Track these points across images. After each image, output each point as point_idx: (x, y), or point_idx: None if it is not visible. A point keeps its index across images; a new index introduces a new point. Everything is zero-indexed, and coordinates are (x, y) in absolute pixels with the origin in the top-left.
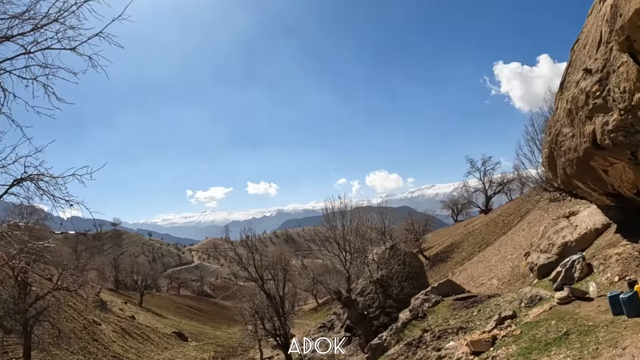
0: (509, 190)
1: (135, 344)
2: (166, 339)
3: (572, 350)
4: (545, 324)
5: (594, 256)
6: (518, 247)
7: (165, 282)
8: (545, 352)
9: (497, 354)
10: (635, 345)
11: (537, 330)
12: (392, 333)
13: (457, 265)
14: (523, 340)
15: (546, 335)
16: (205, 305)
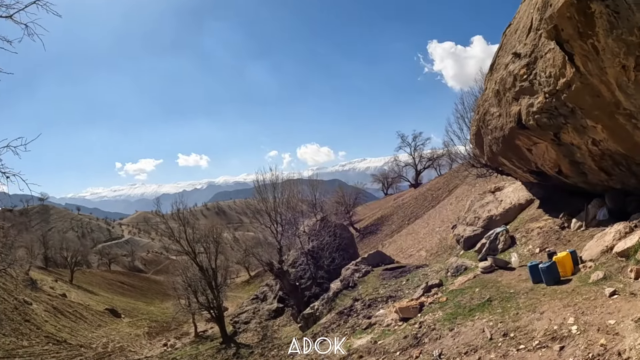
0: (439, 166)
1: (69, 322)
2: (99, 316)
3: (494, 315)
4: (469, 291)
5: (517, 229)
6: (446, 220)
7: (96, 258)
8: (469, 317)
9: (424, 319)
10: (553, 310)
11: (462, 297)
12: (324, 302)
13: (387, 237)
14: (449, 307)
15: (470, 301)
16: (137, 281)
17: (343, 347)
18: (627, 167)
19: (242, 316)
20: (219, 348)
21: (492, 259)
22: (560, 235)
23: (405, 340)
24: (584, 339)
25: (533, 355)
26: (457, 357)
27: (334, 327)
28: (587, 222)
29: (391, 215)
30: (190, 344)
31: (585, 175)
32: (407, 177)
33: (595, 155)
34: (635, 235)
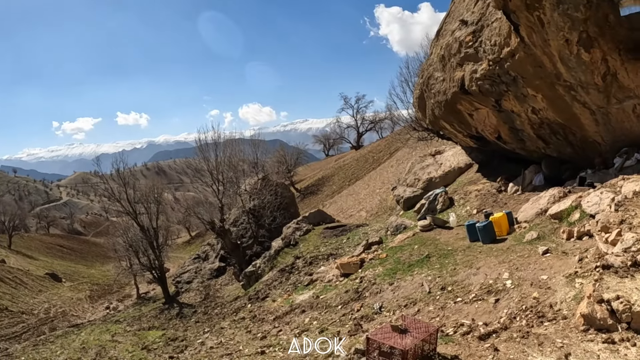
0: (381, 129)
1: (9, 289)
2: (40, 281)
3: (432, 270)
4: (408, 248)
5: (455, 191)
6: (386, 182)
7: (34, 222)
8: (408, 272)
9: (365, 274)
10: (488, 266)
11: (402, 253)
12: (266, 260)
13: (328, 198)
14: (389, 263)
15: (409, 257)
16: (77, 244)
17: (285, 303)
18: (564, 136)
19: (184, 276)
20: (162, 309)
21: (431, 218)
22: (497, 198)
23: (346, 294)
24: (517, 292)
25: (469, 307)
26: (397, 309)
27: (276, 284)
28: (523, 187)
29: (332, 176)
30: (133, 306)
31: (524, 142)
32: (348, 139)
33: (534, 124)
34: (569, 200)
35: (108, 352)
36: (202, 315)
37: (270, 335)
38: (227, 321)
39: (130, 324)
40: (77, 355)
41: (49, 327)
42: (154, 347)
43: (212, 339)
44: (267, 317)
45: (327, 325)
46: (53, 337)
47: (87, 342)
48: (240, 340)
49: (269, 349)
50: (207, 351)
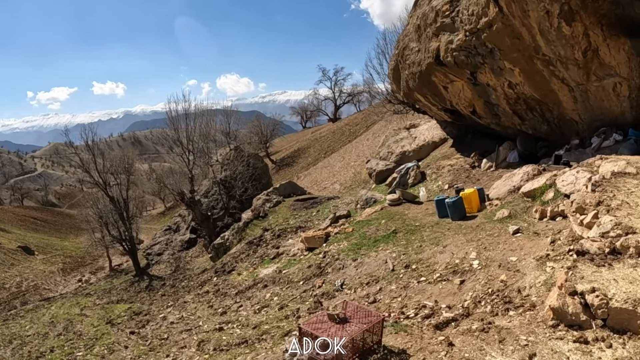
0: (358, 102)
1: None
2: (12, 255)
3: (398, 246)
4: (375, 223)
5: (428, 166)
6: (362, 155)
7: (8, 194)
8: (373, 248)
9: (329, 249)
10: (456, 244)
11: (368, 228)
12: (234, 232)
13: (303, 170)
14: (354, 237)
15: (376, 232)
16: (51, 216)
17: (250, 276)
18: (541, 113)
19: (155, 248)
20: (132, 281)
21: (400, 192)
22: (470, 174)
23: (309, 269)
24: (484, 274)
25: (433, 288)
26: (359, 287)
27: (243, 257)
28: (497, 163)
29: (308, 148)
30: (105, 279)
31: (499, 117)
32: (326, 111)
33: (510, 99)
34: (543, 178)
35: (75, 326)
36: (169, 288)
37: (231, 311)
38: (191, 295)
39: (100, 297)
40: (45, 330)
41: (20, 302)
42: (118, 322)
43: (175, 314)
44: (230, 292)
45: (287, 302)
46: (24, 311)
47: (56, 316)
48: (201, 315)
49: (227, 325)
50: (167, 327)
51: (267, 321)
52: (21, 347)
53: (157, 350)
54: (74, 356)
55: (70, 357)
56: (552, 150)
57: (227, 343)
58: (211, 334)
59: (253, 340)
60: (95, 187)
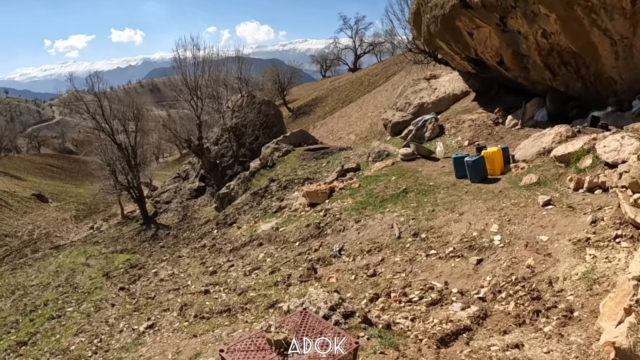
0: (379, 53)
1: None
2: (25, 202)
3: (407, 209)
4: (385, 179)
5: (447, 119)
6: (379, 106)
7: (25, 142)
8: (379, 209)
9: (331, 206)
10: (474, 212)
11: (376, 185)
12: (240, 182)
13: (319, 119)
14: (360, 194)
15: (384, 190)
16: (67, 163)
17: (249, 231)
18: (576, 68)
19: (164, 196)
20: (139, 230)
21: (415, 146)
22: (493, 131)
23: (307, 229)
24: (507, 254)
25: (444, 265)
26: (359, 255)
27: (246, 208)
28: (523, 121)
29: (326, 97)
30: (116, 226)
31: (528, 70)
32: (346, 60)
33: (543, 50)
34: (579, 141)
35: (75, 277)
36: (171, 239)
37: (221, 271)
38: (188, 249)
39: (106, 246)
40: (48, 280)
41: (31, 250)
42: (114, 275)
43: (167, 269)
44: (225, 248)
45: (280, 265)
46: (32, 260)
47: (62, 265)
48: (192, 273)
49: (214, 287)
50: (156, 284)
51: (255, 286)
52: (21, 299)
53: (141, 310)
54: (63, 311)
55: (60, 312)
56: (585, 111)
57: (209, 310)
58: (196, 297)
59: (236, 310)
60: (102, 133)
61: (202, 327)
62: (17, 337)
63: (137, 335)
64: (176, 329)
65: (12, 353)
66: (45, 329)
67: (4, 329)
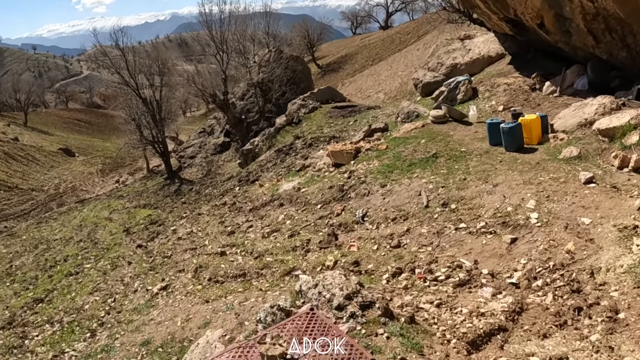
0: (412, 10)
1: (20, 166)
2: (52, 157)
3: (437, 175)
4: (414, 141)
5: (481, 82)
6: (410, 65)
7: (53, 98)
8: (407, 174)
9: (356, 168)
10: (509, 184)
11: (405, 147)
12: (265, 139)
13: (348, 76)
14: (387, 157)
15: (413, 154)
16: (95, 117)
17: (270, 190)
18: (622, 36)
19: (188, 150)
20: (163, 184)
21: (447, 108)
22: (529, 97)
23: (330, 191)
24: (544, 235)
25: (474, 241)
26: (383, 222)
27: (270, 166)
28: (562, 89)
29: (355, 55)
30: (141, 180)
31: (570, 35)
32: (377, 18)
33: (588, 14)
34: (625, 115)
35: (97, 232)
36: (193, 195)
37: (239, 231)
38: (208, 206)
39: (130, 200)
40: (71, 234)
41: (57, 203)
42: (134, 231)
43: (186, 227)
44: (245, 207)
45: (299, 229)
46: (57, 214)
47: (85, 219)
48: (210, 232)
49: (231, 249)
50: (174, 242)
51: (273, 250)
52: (43, 253)
53: (157, 270)
54: (81, 268)
55: (78, 269)
56: (628, 82)
57: (224, 273)
58: (212, 259)
59: (251, 275)
60: (127, 88)
61: (215, 292)
62: (34, 294)
63: (150, 297)
64: (189, 292)
65: (29, 310)
66: (63, 285)
67: (24, 285)
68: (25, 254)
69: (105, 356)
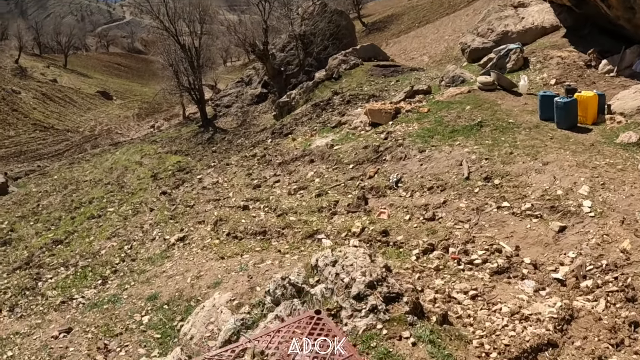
0: None
1: (57, 107)
2: (89, 99)
3: (481, 146)
4: (458, 107)
5: (533, 52)
6: (457, 30)
7: (94, 42)
8: (448, 140)
9: (394, 129)
10: (560, 165)
11: (448, 112)
12: (302, 92)
13: (393, 37)
14: (428, 121)
15: (456, 120)
16: (135, 62)
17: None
18: None
19: (225, 99)
20: (197, 131)
21: (496, 75)
22: (584, 74)
23: (364, 151)
24: (598, 227)
25: (518, 224)
26: (418, 190)
27: (305, 120)
28: (619, 69)
29: (402, 15)
30: (175, 126)
31: (634, 12)
32: None
33: None
34: None
35: (126, 175)
36: (224, 144)
37: (266, 185)
38: (238, 157)
39: (162, 146)
40: (101, 176)
41: (91, 145)
42: (161, 177)
43: (212, 176)
44: (275, 160)
45: (328, 188)
46: (90, 155)
47: (116, 162)
48: (236, 183)
49: (254, 204)
50: (198, 191)
51: (297, 209)
52: (71, 194)
53: (177, 219)
54: (104, 211)
55: (101, 212)
56: None
57: (243, 229)
58: (234, 212)
59: (272, 233)
60: (167, 33)
61: (232, 249)
62: (54, 235)
63: (166, 247)
64: (206, 245)
65: (47, 251)
66: (83, 228)
67: (46, 225)
68: (53, 193)
69: (110, 307)
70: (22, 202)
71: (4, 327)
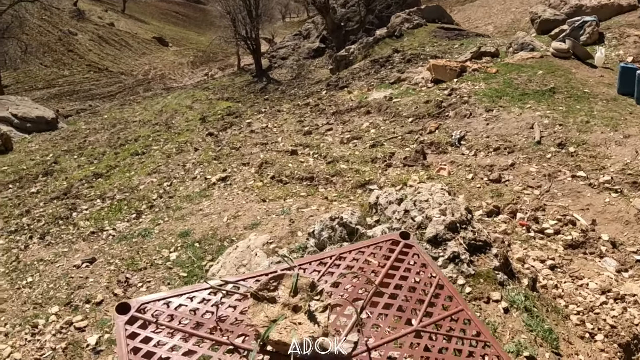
0: None
1: (112, 50)
2: (145, 44)
3: (554, 111)
4: (529, 71)
5: (608, 28)
6: (526, 3)
7: None
8: (518, 102)
9: (459, 87)
10: None
11: (518, 75)
12: (361, 47)
13: (458, 4)
14: (496, 81)
15: (526, 84)
16: (193, 11)
17: (359, 97)
18: None
19: (281, 51)
20: (250, 81)
21: (572, 43)
22: None
23: (425, 105)
24: None
25: (594, 196)
26: (483, 150)
27: (362, 75)
28: None
29: None
30: (229, 76)
31: None
32: None
33: None
34: None
35: (174, 118)
36: (277, 94)
37: (317, 133)
38: (290, 105)
39: (214, 93)
40: (150, 118)
41: (143, 88)
42: (210, 120)
43: (262, 121)
44: (329, 110)
45: (384, 140)
46: (142, 98)
47: (167, 105)
48: (286, 129)
49: (304, 149)
50: (246, 135)
51: (350, 158)
52: (118, 132)
53: (221, 160)
54: (149, 149)
55: (145, 149)
56: None
57: (290, 173)
58: (281, 156)
59: (319, 180)
60: None
61: (275, 192)
62: (96, 169)
63: (206, 186)
64: (248, 187)
65: (86, 183)
66: (125, 164)
67: (90, 159)
68: (101, 131)
69: (139, 240)
70: (69, 137)
71: (32, 253)
